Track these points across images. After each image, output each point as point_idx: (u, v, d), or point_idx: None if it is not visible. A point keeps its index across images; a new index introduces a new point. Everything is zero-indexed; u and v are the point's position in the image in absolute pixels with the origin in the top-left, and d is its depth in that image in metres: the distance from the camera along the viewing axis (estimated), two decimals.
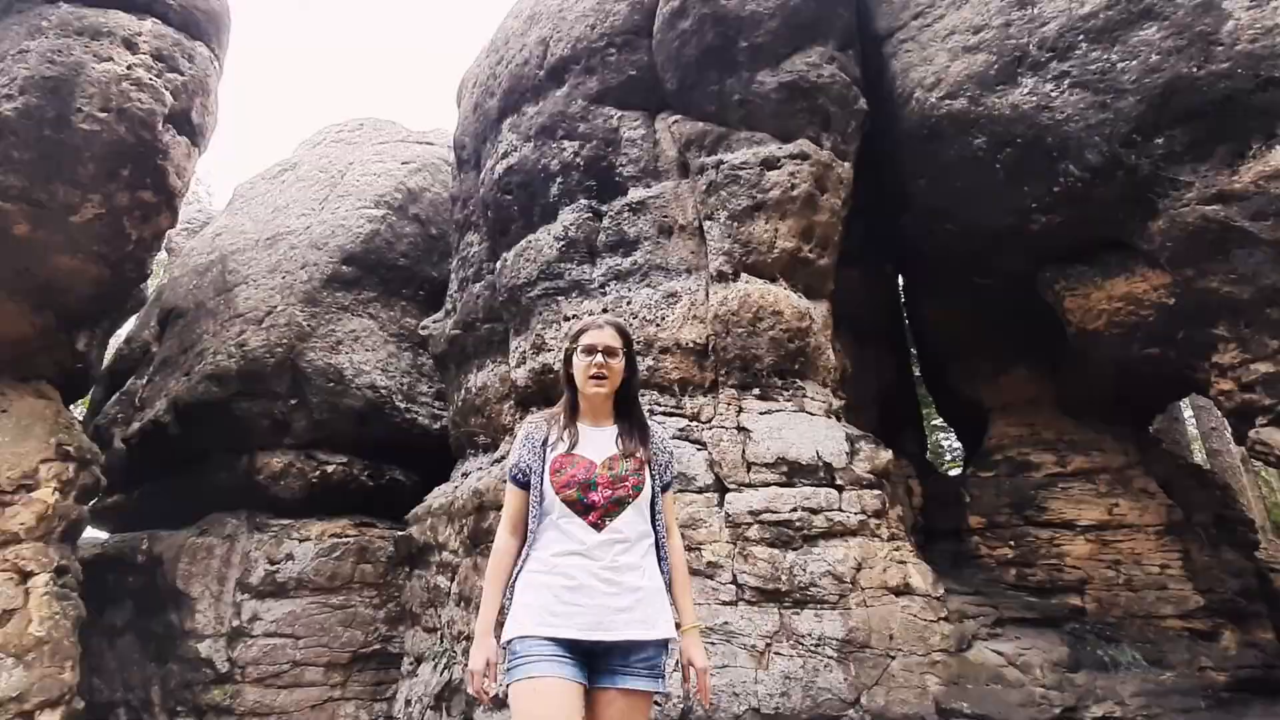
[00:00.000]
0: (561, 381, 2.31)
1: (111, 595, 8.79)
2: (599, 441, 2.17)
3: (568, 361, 2.25)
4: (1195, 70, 4.58)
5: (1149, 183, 4.85)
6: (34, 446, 6.89)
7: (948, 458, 17.27)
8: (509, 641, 1.99)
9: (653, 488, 2.16)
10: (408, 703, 6.62)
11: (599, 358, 2.15)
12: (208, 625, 8.07)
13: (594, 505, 2.05)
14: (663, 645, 2.03)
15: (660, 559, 2.14)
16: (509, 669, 1.96)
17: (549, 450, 2.15)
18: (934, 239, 6.31)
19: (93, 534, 10.22)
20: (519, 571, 2.09)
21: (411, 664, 6.98)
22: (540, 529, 2.09)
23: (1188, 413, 14.04)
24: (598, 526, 2.04)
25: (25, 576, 6.56)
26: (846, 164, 6.14)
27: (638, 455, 2.14)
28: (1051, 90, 5.14)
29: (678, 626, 2.16)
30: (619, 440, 2.17)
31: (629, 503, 2.08)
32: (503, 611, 2.11)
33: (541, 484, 2.11)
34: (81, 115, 6.08)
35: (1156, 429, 9.32)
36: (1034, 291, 5.89)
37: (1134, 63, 4.82)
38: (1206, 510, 6.20)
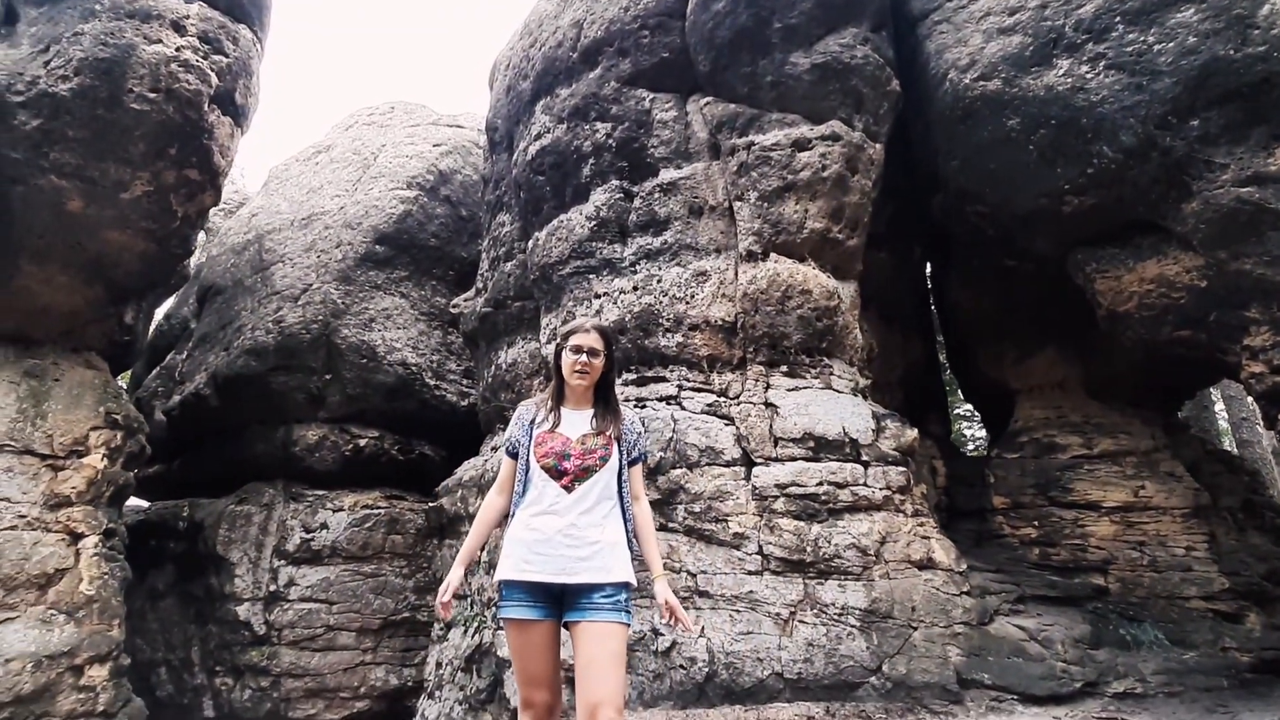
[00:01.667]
0: (551, 371, 2.77)
1: (154, 560, 9.14)
2: (577, 422, 2.60)
3: (557, 355, 2.68)
4: (1232, 53, 4.57)
5: (1183, 165, 4.84)
6: (84, 414, 7.19)
7: (970, 447, 17.21)
8: (499, 584, 2.47)
9: (620, 460, 2.57)
10: (438, 665, 6.85)
11: (584, 357, 2.59)
12: (246, 590, 8.37)
13: (566, 471, 2.49)
14: (622, 586, 2.42)
15: (626, 520, 2.55)
16: (500, 606, 2.48)
17: (535, 428, 2.60)
18: (964, 221, 6.33)
19: (134, 502, 10.61)
20: (508, 526, 2.54)
21: (441, 629, 7.20)
22: (524, 491, 2.54)
23: (1219, 405, 13.87)
24: (569, 489, 2.47)
25: (76, 538, 6.87)
26: (878, 145, 6.17)
27: (607, 433, 2.58)
28: (1087, 72, 5.15)
29: (641, 572, 2.59)
30: (593, 421, 2.60)
31: (596, 471, 2.51)
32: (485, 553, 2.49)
33: (528, 455, 2.56)
34: (132, 95, 6.29)
35: (1186, 417, 9.26)
36: (1064, 274, 5.90)
37: (1171, 44, 4.81)
38: (1234, 495, 6.20)
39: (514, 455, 2.62)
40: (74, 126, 6.17)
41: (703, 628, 4.89)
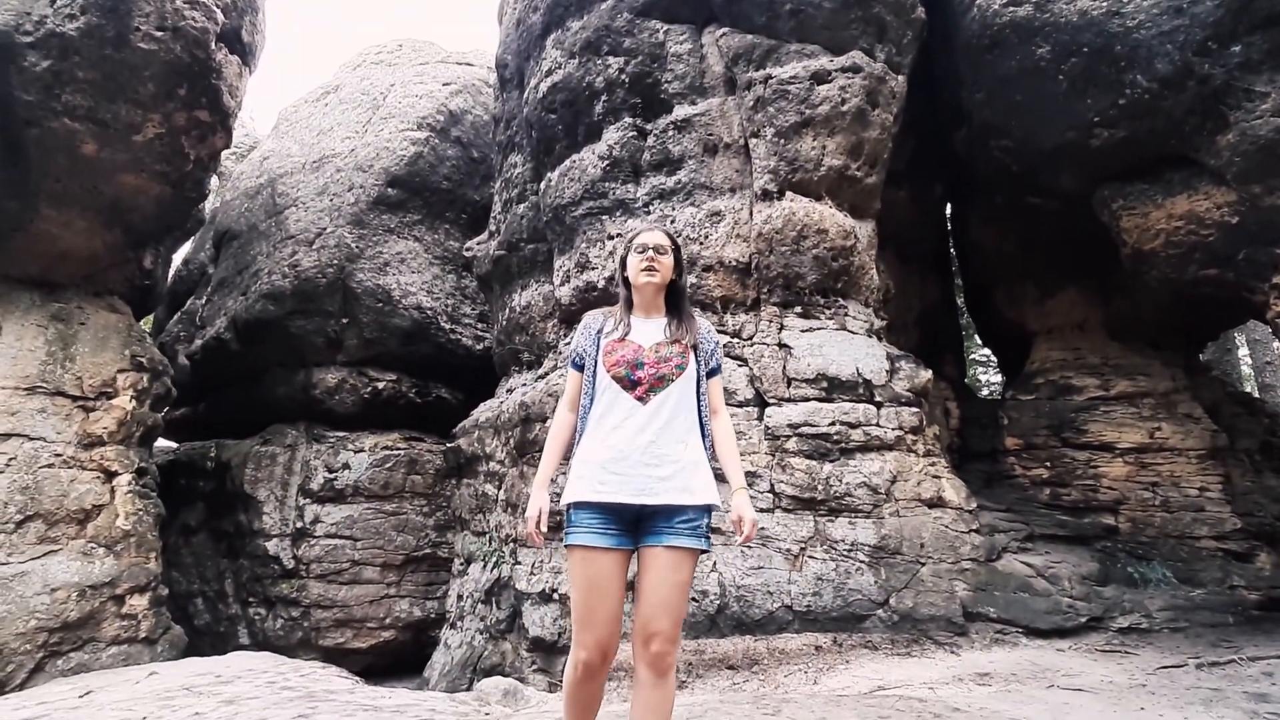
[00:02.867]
0: (618, 282, 2.52)
1: (185, 498, 9.48)
2: (649, 330, 2.37)
3: (623, 265, 2.47)
4: None
5: (1222, 93, 4.64)
6: (111, 357, 7.36)
7: (984, 393, 17.13)
8: (568, 507, 2.21)
9: (697, 371, 2.34)
10: (459, 598, 7.12)
11: (650, 253, 2.38)
12: (274, 526, 8.69)
13: (640, 381, 2.25)
14: (704, 509, 2.21)
15: (704, 435, 2.33)
16: (568, 532, 2.20)
17: (603, 337, 2.36)
18: (988, 157, 6.14)
19: (163, 443, 10.94)
20: (576, 445, 2.30)
21: (462, 564, 7.45)
22: (593, 405, 2.30)
23: (1243, 349, 13.63)
24: (643, 400, 2.23)
25: (110, 476, 7.12)
26: (900, 77, 5.96)
27: (682, 341, 2.34)
28: None
29: (724, 490, 2.37)
30: (667, 328, 2.37)
31: (672, 380, 2.27)
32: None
33: (595, 366, 2.32)
34: (139, 34, 6.20)
35: (1208, 360, 9.13)
36: (1088, 212, 5.74)
37: None
38: (1253, 437, 6.15)
39: (580, 367, 2.39)
40: (83, 67, 6.11)
41: (714, 562, 5.01)
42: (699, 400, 2.34)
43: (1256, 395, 11.52)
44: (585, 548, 2.14)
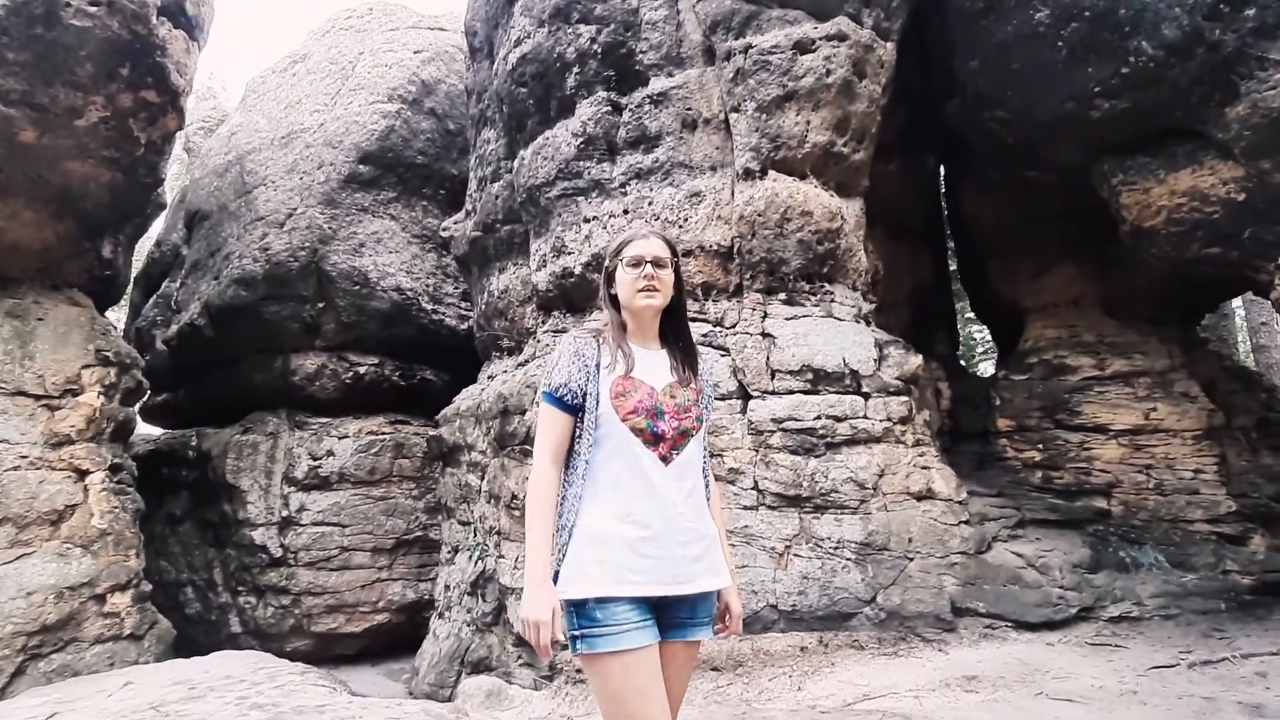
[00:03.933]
0: (604, 303, 2.04)
1: (168, 487, 9.34)
2: (654, 366, 1.95)
3: (609, 281, 2.00)
4: None
5: (1232, 61, 4.33)
6: (74, 353, 7.09)
7: (981, 351, 17.01)
8: (583, 602, 1.76)
9: (705, 421, 1.99)
10: (447, 587, 7.05)
11: (648, 269, 1.91)
12: (259, 515, 8.56)
13: (663, 436, 1.85)
14: (717, 591, 1.95)
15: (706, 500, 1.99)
16: (589, 635, 1.75)
17: (604, 372, 1.91)
18: (982, 129, 5.81)
19: (146, 430, 10.77)
20: (577, 513, 1.86)
21: (449, 553, 7.36)
22: (596, 461, 1.87)
23: (1238, 305, 13.44)
24: (666, 460, 1.85)
25: (82, 475, 6.94)
26: (889, 45, 5.59)
27: (694, 385, 1.94)
28: None
29: None
30: (674, 368, 1.96)
31: (692, 435, 1.90)
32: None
33: (598, 408, 1.88)
34: (71, 10, 5.77)
35: (1205, 325, 8.93)
36: (1086, 187, 5.46)
37: None
38: (1249, 414, 6.00)
39: (571, 409, 1.88)
40: (13, 49, 5.70)
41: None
42: (704, 456, 1.98)
43: (1250, 355, 11.37)
44: (628, 652, 1.71)
